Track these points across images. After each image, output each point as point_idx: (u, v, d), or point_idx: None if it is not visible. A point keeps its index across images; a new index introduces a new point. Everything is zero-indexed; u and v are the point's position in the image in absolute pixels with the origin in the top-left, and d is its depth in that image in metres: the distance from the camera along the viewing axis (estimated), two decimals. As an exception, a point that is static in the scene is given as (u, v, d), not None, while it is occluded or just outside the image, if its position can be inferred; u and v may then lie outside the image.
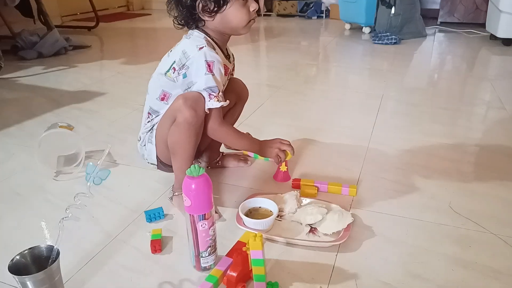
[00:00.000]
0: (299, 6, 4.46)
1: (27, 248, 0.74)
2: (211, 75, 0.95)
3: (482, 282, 0.81)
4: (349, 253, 0.89)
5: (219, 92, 0.97)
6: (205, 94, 0.96)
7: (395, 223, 0.99)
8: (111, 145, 1.22)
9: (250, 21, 0.98)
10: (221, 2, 0.93)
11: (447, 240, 0.93)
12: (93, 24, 3.72)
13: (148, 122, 1.07)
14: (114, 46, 3.31)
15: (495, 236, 0.93)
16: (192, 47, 0.96)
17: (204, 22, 0.98)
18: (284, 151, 1.11)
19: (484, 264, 0.85)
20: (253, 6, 0.97)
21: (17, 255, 0.72)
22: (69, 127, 1.27)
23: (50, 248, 0.74)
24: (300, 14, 4.46)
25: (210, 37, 0.99)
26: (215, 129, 1.02)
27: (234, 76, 1.16)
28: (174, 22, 1.00)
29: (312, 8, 4.35)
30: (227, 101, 1.00)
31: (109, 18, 4.42)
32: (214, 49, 0.98)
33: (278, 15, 4.56)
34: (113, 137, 1.52)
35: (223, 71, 0.98)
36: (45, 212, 1.07)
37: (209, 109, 0.98)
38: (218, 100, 0.96)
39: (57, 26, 3.09)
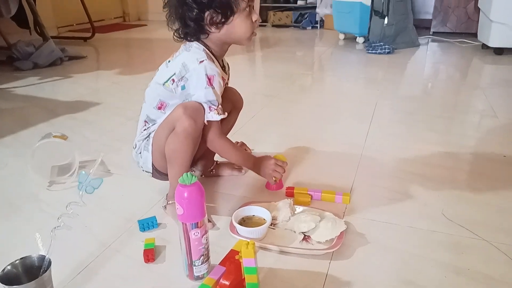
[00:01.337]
0: (294, 16, 4.51)
1: (19, 258, 0.73)
2: (211, 88, 0.96)
3: (474, 288, 0.81)
4: (342, 261, 0.89)
5: (218, 105, 0.98)
6: (205, 106, 0.97)
7: (388, 231, 0.99)
8: (105, 154, 1.22)
9: (252, 32, 1.00)
10: (229, 13, 0.95)
11: (440, 247, 0.93)
12: (89, 35, 3.74)
13: (144, 130, 1.07)
14: (110, 56, 3.32)
15: (488, 243, 0.94)
16: (192, 60, 0.97)
17: (208, 35, 0.99)
18: (276, 171, 1.13)
19: (476, 270, 0.85)
20: (255, 17, 0.99)
21: (8, 265, 0.72)
22: (63, 137, 1.27)
23: (42, 258, 0.74)
24: (294, 24, 4.51)
25: (209, 49, 1.00)
26: (213, 140, 1.03)
27: (229, 86, 1.17)
28: (174, 35, 1.01)
29: (307, 19, 4.40)
30: (226, 113, 1.01)
31: (105, 29, 4.44)
32: (213, 61, 0.99)
33: (273, 26, 4.61)
34: (107, 146, 1.52)
35: (222, 84, 1.00)
36: (38, 222, 1.06)
37: (208, 121, 0.99)
38: (218, 113, 0.98)
39: (53, 37, 3.10)
